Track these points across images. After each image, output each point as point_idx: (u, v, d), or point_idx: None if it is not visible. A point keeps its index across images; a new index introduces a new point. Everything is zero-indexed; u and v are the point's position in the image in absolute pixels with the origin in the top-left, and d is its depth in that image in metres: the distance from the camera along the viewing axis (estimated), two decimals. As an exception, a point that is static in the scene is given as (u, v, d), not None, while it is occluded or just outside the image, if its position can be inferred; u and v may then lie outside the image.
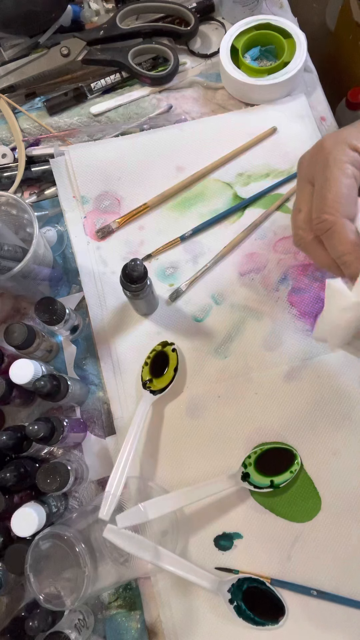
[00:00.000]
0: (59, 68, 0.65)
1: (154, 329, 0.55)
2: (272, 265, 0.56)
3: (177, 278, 0.57)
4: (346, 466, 0.49)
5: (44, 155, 0.62)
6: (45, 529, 0.42)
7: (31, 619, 0.41)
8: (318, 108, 0.63)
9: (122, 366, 0.54)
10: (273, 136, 0.61)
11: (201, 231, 0.58)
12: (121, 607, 0.48)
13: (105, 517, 0.44)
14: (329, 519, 0.48)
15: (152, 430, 0.52)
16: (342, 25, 0.94)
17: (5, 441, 0.45)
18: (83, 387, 0.53)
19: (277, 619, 0.46)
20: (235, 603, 0.45)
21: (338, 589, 0.46)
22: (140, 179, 0.60)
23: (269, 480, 0.47)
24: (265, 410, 0.51)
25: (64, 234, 0.60)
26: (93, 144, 0.62)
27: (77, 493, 0.51)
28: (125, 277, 0.46)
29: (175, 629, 0.47)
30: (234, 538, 0.49)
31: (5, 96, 0.65)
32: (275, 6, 0.68)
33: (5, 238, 0.53)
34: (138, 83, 0.66)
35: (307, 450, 0.50)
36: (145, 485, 0.49)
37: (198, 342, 0.54)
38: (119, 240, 0.58)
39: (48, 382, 0.45)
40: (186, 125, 0.62)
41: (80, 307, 0.57)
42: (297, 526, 0.48)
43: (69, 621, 0.45)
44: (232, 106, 0.64)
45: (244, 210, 0.59)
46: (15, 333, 0.47)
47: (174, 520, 0.48)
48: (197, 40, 0.68)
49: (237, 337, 0.54)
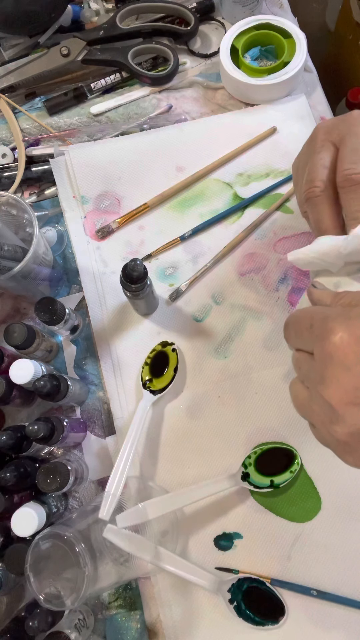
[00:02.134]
0: (59, 68, 0.65)
1: (154, 329, 0.55)
2: (272, 265, 0.56)
3: (177, 278, 0.57)
4: (346, 466, 0.49)
5: (44, 155, 0.62)
6: (45, 529, 0.42)
7: (31, 619, 0.41)
8: (318, 108, 0.63)
9: (122, 366, 0.54)
10: (273, 136, 0.61)
11: (201, 231, 0.58)
12: (121, 607, 0.48)
13: (105, 517, 0.44)
14: (329, 519, 0.48)
15: (152, 430, 0.52)
16: (342, 25, 0.95)
17: (5, 441, 0.45)
18: (83, 387, 0.53)
19: (277, 619, 0.46)
20: (235, 603, 0.45)
21: (338, 589, 0.46)
22: (140, 179, 0.60)
23: (269, 480, 0.47)
24: (265, 410, 0.51)
25: (64, 234, 0.60)
26: (93, 144, 0.62)
27: (77, 493, 0.51)
28: (125, 277, 0.46)
29: (175, 629, 0.47)
30: (234, 538, 0.49)
31: (5, 96, 0.65)
32: (275, 6, 0.68)
33: (5, 238, 0.53)
34: (138, 83, 0.66)
35: (307, 450, 0.50)
36: (145, 485, 0.49)
37: (198, 342, 0.54)
38: (119, 240, 0.58)
39: (48, 382, 0.45)
40: (186, 125, 0.62)
41: (80, 307, 0.57)
42: (297, 526, 0.48)
43: (69, 621, 0.45)
44: (232, 106, 0.64)
45: (244, 210, 0.59)
46: (15, 333, 0.47)
47: (174, 520, 0.48)
48: (197, 40, 0.68)
49: (237, 337, 0.54)
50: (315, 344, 0.32)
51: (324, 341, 0.31)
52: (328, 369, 0.30)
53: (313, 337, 0.32)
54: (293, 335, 0.35)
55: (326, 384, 0.30)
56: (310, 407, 0.33)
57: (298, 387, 0.35)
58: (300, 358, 0.34)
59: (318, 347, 0.31)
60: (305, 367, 0.33)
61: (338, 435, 0.31)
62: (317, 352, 0.32)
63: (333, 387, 0.30)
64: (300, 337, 0.34)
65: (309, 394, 0.33)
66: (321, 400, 0.31)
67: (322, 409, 0.31)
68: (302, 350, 0.34)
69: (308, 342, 0.33)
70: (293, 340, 0.35)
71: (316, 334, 0.32)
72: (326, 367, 0.30)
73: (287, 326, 0.36)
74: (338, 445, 0.32)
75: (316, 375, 0.31)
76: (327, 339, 0.30)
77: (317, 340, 0.31)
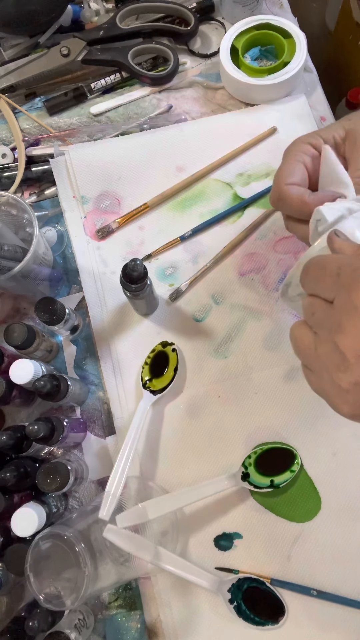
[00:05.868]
0: (59, 68, 0.65)
1: (154, 329, 0.55)
2: (272, 265, 0.56)
3: (177, 278, 0.57)
4: (346, 466, 0.49)
5: (44, 155, 0.62)
6: (45, 529, 0.42)
7: (31, 619, 0.41)
8: (318, 108, 0.63)
9: (122, 366, 0.54)
10: (273, 136, 0.61)
11: (201, 231, 0.58)
12: (121, 607, 0.48)
13: (105, 517, 0.44)
14: (329, 519, 0.48)
15: (152, 430, 0.52)
16: (342, 25, 0.95)
17: (5, 441, 0.45)
18: (83, 387, 0.53)
19: (277, 619, 0.46)
20: (235, 603, 0.46)
21: (338, 589, 0.46)
22: (140, 179, 0.60)
23: (269, 480, 0.47)
24: (265, 410, 0.51)
25: (64, 234, 0.60)
26: (93, 144, 0.62)
27: (77, 493, 0.51)
28: (125, 277, 0.46)
29: (175, 629, 0.47)
30: (234, 538, 0.49)
31: (5, 96, 0.65)
32: (275, 6, 0.68)
33: (5, 238, 0.53)
34: (138, 83, 0.66)
35: (307, 450, 0.50)
36: (145, 485, 0.49)
37: (198, 342, 0.54)
38: (119, 240, 0.58)
39: (48, 382, 0.45)
40: (186, 125, 0.62)
41: (80, 307, 0.57)
42: (297, 526, 0.48)
43: (69, 621, 0.45)
44: (232, 106, 0.64)
45: (244, 210, 0.59)
46: (15, 333, 0.47)
47: (174, 520, 0.48)
48: (197, 40, 0.68)
49: (237, 337, 0.54)
50: (340, 293, 0.32)
51: (351, 292, 0.31)
52: (350, 319, 0.30)
53: (338, 286, 0.32)
54: (312, 280, 0.35)
55: (345, 333, 0.31)
56: (315, 352, 0.33)
57: (303, 330, 0.35)
58: (315, 304, 0.34)
59: (343, 296, 0.31)
60: (320, 313, 0.33)
61: (342, 382, 0.31)
62: (340, 300, 0.32)
63: (351, 338, 0.30)
64: (322, 283, 0.34)
65: (315, 339, 0.33)
66: (332, 347, 0.31)
67: (329, 356, 0.32)
68: (318, 296, 0.34)
69: (329, 290, 0.33)
70: (311, 285, 0.35)
71: (343, 282, 0.32)
72: (348, 317, 0.31)
73: (307, 270, 0.35)
74: (338, 393, 0.32)
75: (333, 323, 0.32)
76: (355, 291, 0.30)
77: (343, 289, 0.31)
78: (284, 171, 0.44)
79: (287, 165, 0.44)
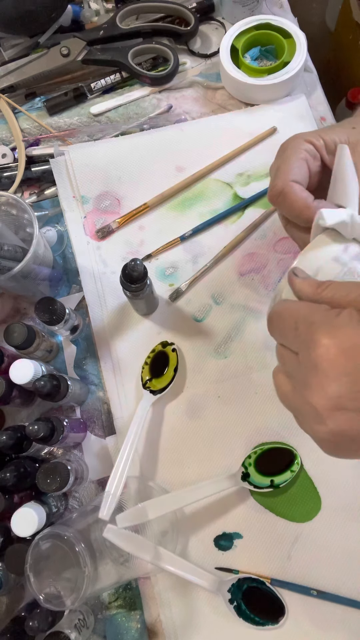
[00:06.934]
0: (59, 68, 0.65)
1: (154, 329, 0.55)
2: (272, 265, 0.56)
3: (177, 278, 0.57)
4: (346, 466, 0.49)
5: (44, 155, 0.62)
6: (45, 529, 0.42)
7: (31, 619, 0.41)
8: (318, 108, 0.63)
9: (122, 366, 0.54)
10: (273, 136, 0.61)
11: (201, 231, 0.58)
12: (121, 607, 0.48)
13: (105, 517, 0.44)
14: (329, 519, 0.48)
15: (152, 430, 0.52)
16: (342, 25, 0.95)
17: (5, 441, 0.45)
18: (83, 387, 0.53)
19: (277, 619, 0.46)
20: (235, 603, 0.45)
21: (338, 589, 0.46)
22: (140, 179, 0.60)
23: (269, 480, 0.47)
24: (266, 410, 0.51)
25: (64, 234, 0.60)
26: (93, 144, 0.62)
27: (77, 493, 0.51)
28: (125, 277, 0.46)
29: (175, 629, 0.47)
30: (234, 538, 0.49)
31: (5, 96, 0.65)
32: (275, 6, 0.68)
33: (5, 238, 0.53)
34: (138, 83, 0.66)
35: (307, 450, 0.50)
36: (145, 485, 0.49)
37: (198, 342, 0.54)
38: (119, 240, 0.58)
39: (48, 382, 0.45)
40: (186, 125, 0.62)
41: (80, 307, 0.57)
42: (297, 526, 0.48)
43: (69, 621, 0.45)
44: (232, 106, 0.64)
45: (244, 210, 0.59)
46: (15, 333, 0.47)
47: (174, 520, 0.48)
48: (197, 40, 0.68)
49: (237, 337, 0.54)
50: (301, 350, 0.32)
51: (309, 350, 0.30)
52: (313, 377, 0.30)
53: (298, 341, 0.32)
54: (276, 332, 0.35)
55: (311, 389, 0.30)
56: (294, 401, 0.33)
57: (282, 378, 0.35)
58: (284, 354, 0.34)
59: (304, 354, 0.31)
60: (289, 364, 0.33)
61: (321, 434, 0.31)
62: (302, 357, 0.32)
63: (317, 395, 0.30)
64: (285, 337, 0.34)
65: (292, 387, 0.33)
66: (305, 400, 0.31)
67: (304, 407, 0.32)
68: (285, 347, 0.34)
69: (292, 344, 0.33)
70: (276, 336, 0.35)
71: (301, 339, 0.32)
72: (311, 375, 0.30)
73: (270, 322, 0.35)
74: (319, 440, 0.32)
75: (301, 378, 0.31)
76: (312, 349, 0.30)
77: (302, 346, 0.31)
78: (289, 166, 0.41)
79: (290, 161, 0.42)
